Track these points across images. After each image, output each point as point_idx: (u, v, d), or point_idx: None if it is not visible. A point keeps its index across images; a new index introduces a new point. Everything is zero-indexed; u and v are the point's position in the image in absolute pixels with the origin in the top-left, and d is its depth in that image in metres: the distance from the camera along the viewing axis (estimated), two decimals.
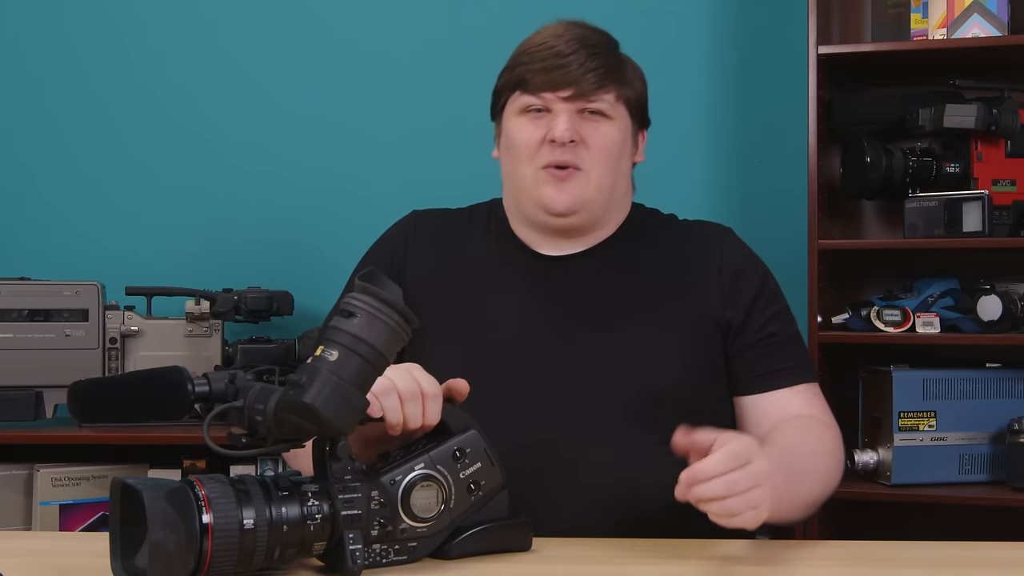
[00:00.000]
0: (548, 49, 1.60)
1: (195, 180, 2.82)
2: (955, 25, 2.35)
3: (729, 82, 2.71)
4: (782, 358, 1.62)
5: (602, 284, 1.65)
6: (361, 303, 1.17)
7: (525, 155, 1.61)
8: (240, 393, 1.20)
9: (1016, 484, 2.27)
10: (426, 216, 1.76)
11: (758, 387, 1.62)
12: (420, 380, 1.31)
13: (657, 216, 1.75)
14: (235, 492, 1.16)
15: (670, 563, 1.32)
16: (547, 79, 1.59)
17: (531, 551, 1.35)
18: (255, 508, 1.16)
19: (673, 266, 1.66)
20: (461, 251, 1.71)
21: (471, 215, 1.76)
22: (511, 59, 1.66)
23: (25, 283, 2.51)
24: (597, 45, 1.62)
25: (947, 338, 2.32)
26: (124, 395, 1.29)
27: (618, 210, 1.69)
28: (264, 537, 1.16)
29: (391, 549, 1.25)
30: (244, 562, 1.16)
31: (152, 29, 2.84)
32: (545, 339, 1.61)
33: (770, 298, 1.66)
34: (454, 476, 1.28)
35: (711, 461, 1.25)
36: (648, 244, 1.69)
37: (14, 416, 2.47)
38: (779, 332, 1.64)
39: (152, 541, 1.11)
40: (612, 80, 1.61)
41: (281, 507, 1.17)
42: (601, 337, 1.60)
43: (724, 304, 1.63)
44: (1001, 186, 2.33)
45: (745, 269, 1.66)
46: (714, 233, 1.70)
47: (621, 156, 1.64)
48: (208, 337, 2.56)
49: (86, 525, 2.49)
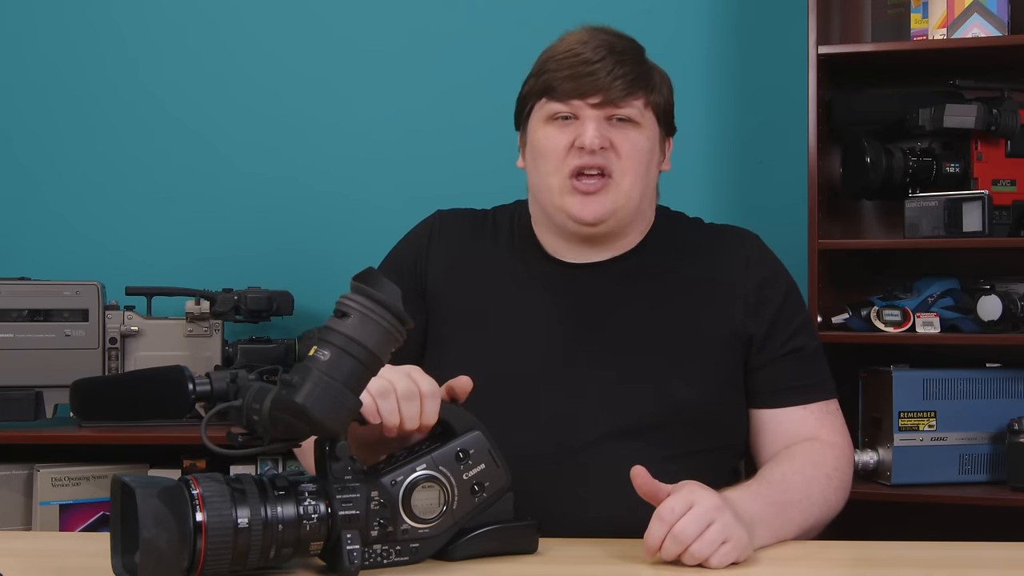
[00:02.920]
0: (575, 56, 1.58)
1: (195, 181, 2.82)
2: (955, 25, 2.35)
3: (729, 82, 2.71)
4: (801, 374, 1.63)
5: (624, 295, 1.64)
6: (355, 303, 1.17)
7: (553, 162, 1.59)
8: (240, 392, 1.20)
9: (1016, 484, 2.26)
10: (450, 216, 1.76)
11: (774, 402, 1.62)
12: (418, 380, 1.30)
13: (682, 222, 1.74)
14: (230, 491, 1.16)
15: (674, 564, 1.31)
16: (575, 86, 1.57)
17: (537, 553, 1.34)
18: (250, 507, 1.16)
19: (697, 277, 1.65)
20: (484, 253, 1.70)
21: (495, 217, 1.75)
22: (536, 66, 1.64)
23: (25, 283, 2.51)
24: (624, 52, 1.60)
25: (947, 338, 2.32)
26: (125, 394, 1.30)
27: (643, 218, 1.68)
28: (259, 536, 1.16)
29: (392, 550, 1.25)
30: (239, 561, 1.16)
31: (153, 31, 2.83)
32: (565, 348, 1.61)
33: (793, 311, 1.65)
34: (457, 477, 1.28)
35: (651, 529, 1.30)
36: (673, 254, 1.67)
37: (14, 416, 2.47)
38: (800, 347, 1.63)
39: (144, 539, 1.12)
40: (640, 87, 1.60)
41: (277, 506, 1.18)
42: (621, 348, 1.60)
43: (747, 317, 1.62)
44: (1001, 186, 2.33)
45: (769, 280, 1.65)
46: (740, 242, 1.69)
47: (650, 164, 1.63)
48: (208, 337, 2.56)
49: (86, 525, 2.49)
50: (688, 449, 1.56)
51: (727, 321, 1.62)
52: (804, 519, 1.48)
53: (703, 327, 1.61)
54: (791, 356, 1.62)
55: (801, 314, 1.67)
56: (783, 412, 1.61)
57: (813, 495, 1.50)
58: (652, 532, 1.30)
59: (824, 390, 1.64)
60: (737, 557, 1.31)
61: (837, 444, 1.59)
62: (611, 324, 1.62)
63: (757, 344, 1.62)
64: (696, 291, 1.64)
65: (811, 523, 1.49)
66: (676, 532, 1.29)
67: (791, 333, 1.63)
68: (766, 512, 1.40)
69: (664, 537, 1.29)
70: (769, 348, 1.62)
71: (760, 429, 1.63)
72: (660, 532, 1.29)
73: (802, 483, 1.49)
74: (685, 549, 1.28)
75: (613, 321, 1.62)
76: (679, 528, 1.29)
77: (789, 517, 1.45)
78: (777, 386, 1.62)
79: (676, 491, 1.32)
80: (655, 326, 1.61)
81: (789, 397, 1.61)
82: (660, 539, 1.29)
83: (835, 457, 1.57)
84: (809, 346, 1.65)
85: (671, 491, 1.33)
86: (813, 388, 1.62)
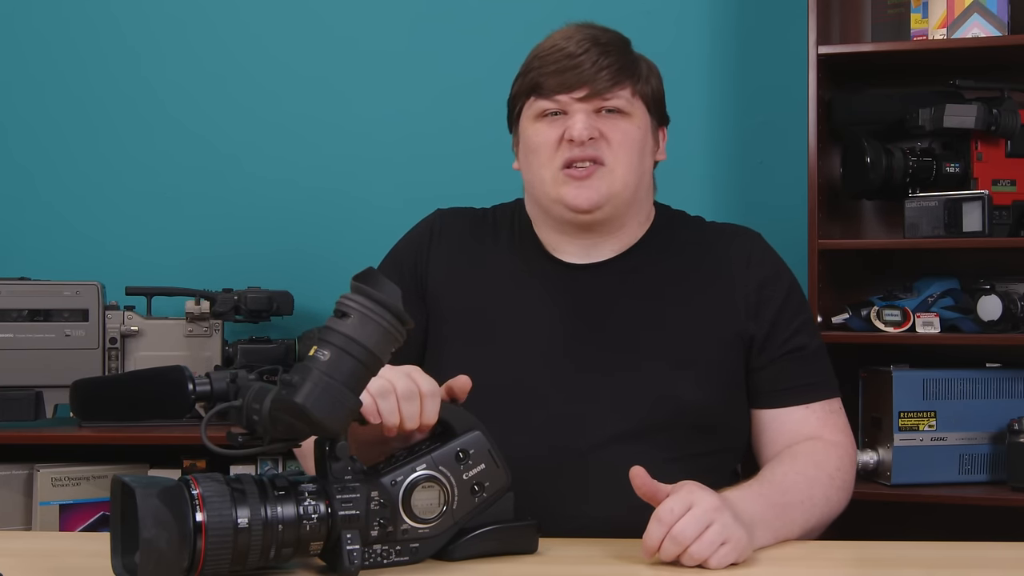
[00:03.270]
0: (559, 51, 1.59)
1: (195, 181, 2.82)
2: (955, 25, 2.35)
3: (729, 82, 2.71)
4: (802, 374, 1.62)
5: (625, 296, 1.63)
6: (354, 303, 1.17)
7: (544, 156, 1.60)
8: (240, 392, 1.20)
9: (1016, 484, 2.26)
10: (450, 216, 1.75)
11: (776, 402, 1.62)
12: (418, 380, 1.30)
13: (683, 220, 1.73)
14: (231, 491, 1.16)
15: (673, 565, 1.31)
16: (560, 80, 1.57)
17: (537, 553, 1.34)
18: (250, 507, 1.16)
19: (698, 277, 1.64)
20: (484, 253, 1.69)
21: (495, 216, 1.75)
22: (523, 66, 1.64)
23: (25, 283, 2.51)
24: (608, 43, 1.60)
25: (947, 338, 2.32)
26: (125, 394, 1.30)
27: (641, 211, 1.67)
28: (259, 536, 1.16)
29: (392, 550, 1.25)
30: (239, 561, 1.16)
31: (154, 30, 2.83)
32: (565, 348, 1.60)
33: (795, 310, 1.65)
34: (457, 477, 1.28)
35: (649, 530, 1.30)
36: (674, 253, 1.67)
37: (14, 416, 2.47)
38: (802, 346, 1.63)
39: (144, 539, 1.12)
40: (627, 76, 1.60)
41: (277, 507, 1.18)
42: (622, 349, 1.60)
43: (749, 317, 1.61)
44: (1001, 186, 2.33)
45: (770, 279, 1.65)
46: (741, 240, 1.68)
47: (644, 152, 1.63)
48: (208, 337, 2.56)
49: (86, 525, 2.49)
50: (689, 451, 1.56)
51: (728, 321, 1.61)
52: (806, 520, 1.47)
53: (704, 327, 1.61)
54: (792, 355, 1.62)
55: (803, 313, 1.66)
56: (785, 412, 1.61)
57: (815, 496, 1.49)
58: (651, 533, 1.30)
59: (826, 389, 1.63)
60: (736, 558, 1.30)
61: (840, 444, 1.59)
62: (611, 323, 1.61)
63: (758, 344, 1.62)
64: (697, 291, 1.63)
65: (813, 524, 1.49)
66: (675, 533, 1.28)
67: (792, 332, 1.62)
68: (767, 513, 1.40)
69: (663, 538, 1.29)
70: (770, 348, 1.61)
71: (762, 429, 1.62)
72: (659, 533, 1.29)
73: (804, 483, 1.49)
74: (684, 550, 1.28)
75: (613, 320, 1.62)
76: (678, 529, 1.28)
77: (790, 518, 1.45)
78: (779, 386, 1.61)
79: (675, 491, 1.32)
80: (656, 326, 1.61)
81: (791, 397, 1.61)
82: (659, 540, 1.29)
83: (838, 457, 1.57)
84: (811, 345, 1.64)
85: (670, 491, 1.32)
86: (815, 387, 1.62)
